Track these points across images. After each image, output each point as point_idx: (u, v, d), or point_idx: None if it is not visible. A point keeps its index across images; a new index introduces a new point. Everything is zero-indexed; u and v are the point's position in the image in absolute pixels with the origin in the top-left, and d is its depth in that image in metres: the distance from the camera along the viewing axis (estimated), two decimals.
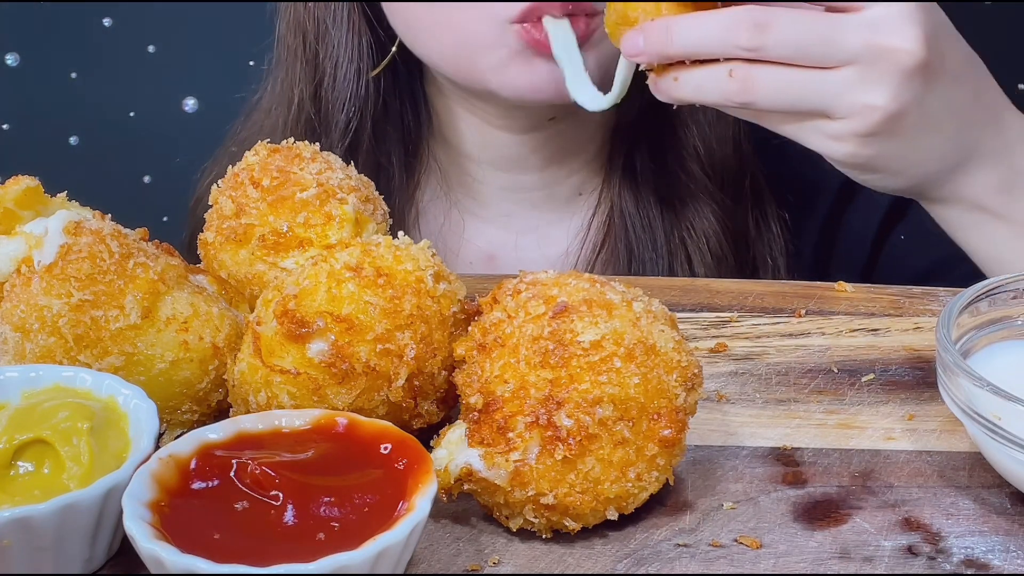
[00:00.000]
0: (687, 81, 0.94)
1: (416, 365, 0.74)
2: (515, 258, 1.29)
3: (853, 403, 0.85)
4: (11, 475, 0.69)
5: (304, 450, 0.69)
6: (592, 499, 0.71)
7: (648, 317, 0.74)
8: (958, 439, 0.81)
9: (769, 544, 0.72)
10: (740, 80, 0.92)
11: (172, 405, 0.78)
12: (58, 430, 0.69)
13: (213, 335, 0.79)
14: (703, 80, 0.94)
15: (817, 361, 0.90)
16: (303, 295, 0.74)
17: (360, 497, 0.66)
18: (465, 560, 0.71)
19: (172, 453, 0.68)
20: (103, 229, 0.79)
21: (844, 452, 0.80)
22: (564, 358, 0.71)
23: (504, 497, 0.71)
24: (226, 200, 0.87)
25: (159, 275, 0.78)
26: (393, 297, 0.74)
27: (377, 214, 0.89)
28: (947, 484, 0.77)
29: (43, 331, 0.75)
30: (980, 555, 0.71)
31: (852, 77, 0.91)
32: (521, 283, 0.77)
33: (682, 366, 0.73)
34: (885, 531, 0.73)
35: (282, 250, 0.85)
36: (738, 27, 0.91)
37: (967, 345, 0.82)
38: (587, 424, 0.70)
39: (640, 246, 1.25)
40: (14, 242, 0.79)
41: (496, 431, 0.71)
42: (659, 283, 1.03)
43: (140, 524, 0.63)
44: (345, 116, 1.25)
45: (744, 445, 0.81)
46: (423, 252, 0.77)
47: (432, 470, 0.67)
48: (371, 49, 1.24)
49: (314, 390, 0.73)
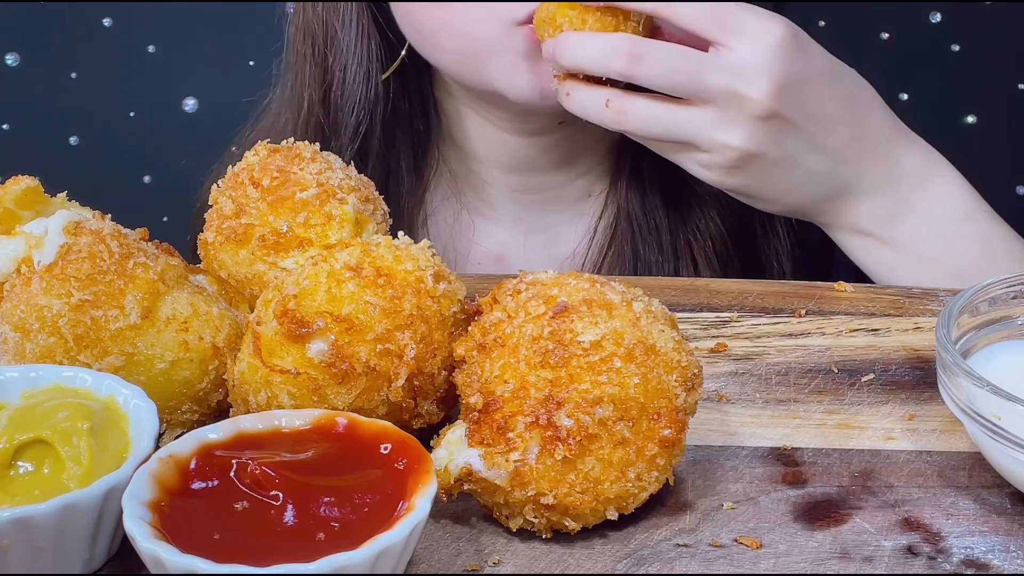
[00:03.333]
0: (575, 99, 1.05)
1: (416, 365, 0.74)
2: (523, 259, 1.29)
3: (853, 403, 0.85)
4: (11, 475, 0.69)
5: (304, 450, 0.69)
6: (592, 499, 0.71)
7: (648, 317, 0.74)
8: (958, 439, 0.81)
9: (769, 544, 0.72)
10: (615, 111, 1.03)
11: (172, 405, 0.78)
12: (58, 430, 0.69)
13: (213, 335, 0.79)
14: (586, 102, 1.04)
15: (817, 361, 0.90)
16: (303, 295, 0.74)
17: (360, 497, 0.66)
18: (465, 560, 0.71)
19: (172, 453, 0.68)
20: (103, 229, 0.79)
21: (844, 452, 0.80)
22: (564, 358, 0.71)
23: (504, 497, 0.71)
24: (226, 200, 0.87)
25: (159, 275, 0.78)
26: (393, 297, 0.74)
27: (377, 214, 0.89)
28: (947, 484, 0.77)
29: (43, 331, 0.75)
30: (980, 555, 0.71)
31: (712, 117, 1.02)
32: (521, 283, 0.77)
33: (682, 366, 0.73)
34: (885, 531, 0.73)
35: (282, 250, 0.85)
36: (616, 53, 1.01)
37: (967, 345, 0.82)
38: (587, 424, 0.70)
39: (646, 248, 1.25)
40: (14, 242, 0.79)
41: (496, 431, 0.71)
42: (659, 283, 1.03)
43: (140, 524, 0.63)
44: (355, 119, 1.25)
45: (744, 445, 0.81)
46: (423, 252, 0.77)
47: (432, 470, 0.67)
48: (380, 52, 1.24)
49: (314, 390, 0.73)
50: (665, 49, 1.01)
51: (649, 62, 1.00)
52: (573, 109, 1.05)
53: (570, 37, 1.02)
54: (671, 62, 1.01)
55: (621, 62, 1.00)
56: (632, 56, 1.00)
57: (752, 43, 1.01)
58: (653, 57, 1.00)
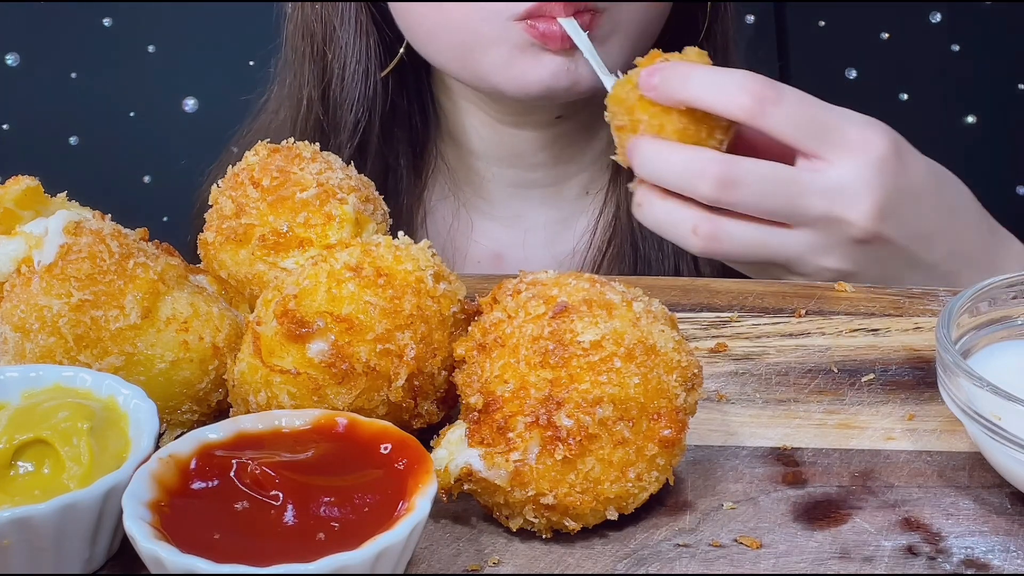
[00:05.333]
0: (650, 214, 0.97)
1: (416, 365, 0.74)
2: (523, 257, 1.29)
3: (853, 403, 0.85)
4: (11, 475, 0.69)
5: (304, 450, 0.69)
6: (592, 499, 0.71)
7: (648, 317, 0.74)
8: (958, 439, 0.81)
9: (769, 544, 0.72)
10: (704, 238, 0.95)
11: (172, 405, 0.78)
12: (58, 430, 0.69)
13: (213, 335, 0.79)
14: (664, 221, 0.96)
15: (817, 361, 0.90)
16: (303, 295, 0.74)
17: (360, 497, 0.66)
18: (465, 560, 0.71)
19: (172, 453, 0.68)
20: (103, 229, 0.79)
21: (844, 452, 0.80)
22: (564, 358, 0.71)
23: (504, 497, 0.71)
24: (226, 200, 0.87)
25: (159, 275, 0.78)
26: (393, 297, 0.74)
27: (377, 214, 0.89)
28: (947, 484, 0.77)
29: (43, 331, 0.75)
30: (980, 555, 0.71)
31: (809, 240, 0.95)
32: (521, 283, 0.77)
33: (682, 366, 0.73)
34: (885, 531, 0.73)
35: (282, 250, 0.85)
36: (703, 176, 0.92)
37: (967, 345, 0.82)
38: (587, 424, 0.70)
39: (646, 246, 1.25)
40: (14, 242, 0.79)
41: (496, 431, 0.71)
42: (659, 283, 1.02)
43: (140, 524, 0.63)
44: (354, 117, 1.25)
45: (744, 445, 0.81)
46: (423, 252, 0.77)
47: (432, 470, 0.67)
48: (379, 50, 1.25)
49: (314, 390, 0.73)
50: (758, 172, 0.93)
51: (742, 188, 0.93)
52: (648, 224, 0.98)
53: (650, 145, 0.95)
54: (766, 185, 0.93)
55: (710, 186, 0.92)
56: (723, 181, 0.92)
57: (852, 159, 0.93)
58: (746, 182, 0.93)
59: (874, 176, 0.94)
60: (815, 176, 0.93)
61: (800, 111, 0.94)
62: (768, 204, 0.93)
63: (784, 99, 0.93)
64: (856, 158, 0.94)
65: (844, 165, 0.93)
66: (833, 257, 0.96)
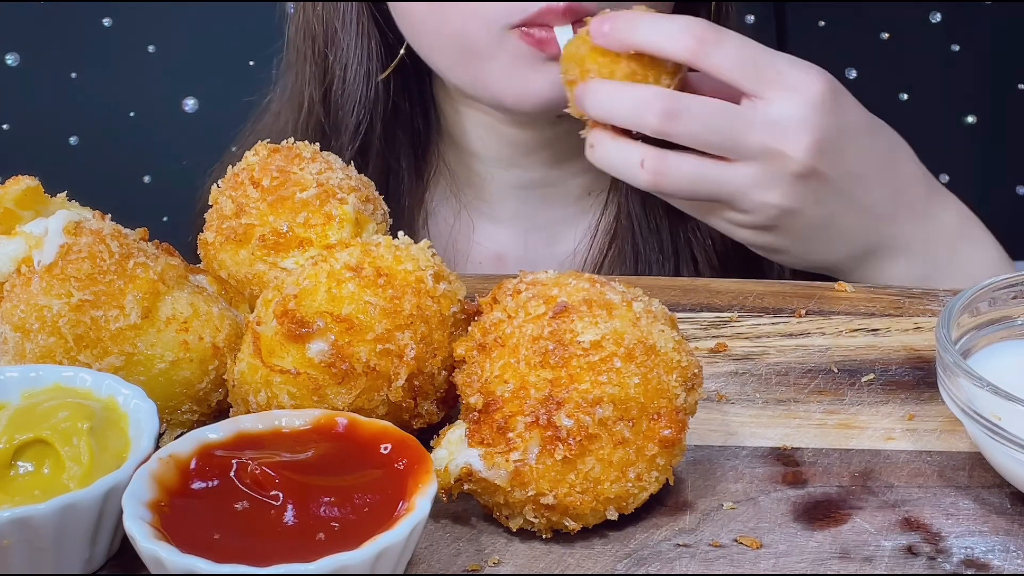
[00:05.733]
0: (602, 152, 1.00)
1: (416, 365, 0.74)
2: (524, 258, 1.29)
3: (853, 403, 0.85)
4: (11, 475, 0.69)
5: (304, 450, 0.69)
6: (592, 499, 0.71)
7: (648, 317, 0.74)
8: (958, 439, 0.81)
9: (769, 544, 0.72)
10: (651, 172, 0.98)
11: (172, 405, 0.78)
12: (58, 430, 0.69)
13: (213, 335, 0.79)
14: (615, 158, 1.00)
15: (817, 361, 0.90)
16: (303, 295, 0.74)
17: (360, 497, 0.66)
18: (465, 560, 0.71)
19: (172, 453, 0.68)
20: (103, 229, 0.79)
21: (844, 452, 0.80)
22: (564, 358, 0.71)
23: (504, 497, 0.71)
24: (226, 200, 0.87)
25: (159, 275, 0.78)
26: (393, 297, 0.74)
27: (377, 214, 0.89)
28: (947, 484, 0.77)
29: (43, 331, 0.75)
30: (980, 555, 0.71)
31: (751, 175, 0.98)
32: (521, 283, 0.77)
33: (682, 366, 0.73)
34: (885, 531, 0.73)
35: (282, 250, 0.85)
36: (650, 108, 0.96)
37: (967, 345, 0.82)
38: (587, 424, 0.70)
39: (647, 247, 1.25)
40: (14, 242, 0.79)
41: (496, 431, 0.71)
42: (659, 283, 1.03)
43: (140, 524, 0.63)
44: (355, 119, 1.25)
45: (744, 445, 0.81)
46: (423, 252, 0.77)
47: (432, 470, 0.67)
48: (380, 51, 1.25)
49: (314, 390, 0.73)
50: (703, 105, 0.96)
51: (686, 119, 0.96)
52: (600, 163, 1.01)
53: (599, 86, 0.98)
54: (709, 119, 0.96)
55: (655, 118, 0.96)
56: (668, 113, 0.95)
57: (791, 96, 0.97)
58: (691, 114, 0.96)
59: (812, 113, 0.97)
60: (756, 112, 0.97)
61: (741, 52, 0.97)
62: (711, 137, 0.96)
63: (726, 41, 0.97)
64: (795, 96, 0.97)
65: (783, 102, 0.97)
66: (774, 192, 0.98)
